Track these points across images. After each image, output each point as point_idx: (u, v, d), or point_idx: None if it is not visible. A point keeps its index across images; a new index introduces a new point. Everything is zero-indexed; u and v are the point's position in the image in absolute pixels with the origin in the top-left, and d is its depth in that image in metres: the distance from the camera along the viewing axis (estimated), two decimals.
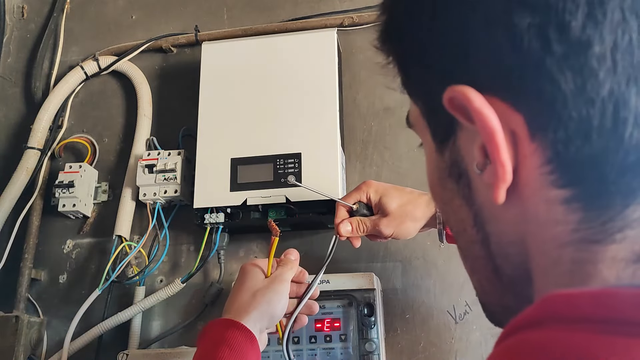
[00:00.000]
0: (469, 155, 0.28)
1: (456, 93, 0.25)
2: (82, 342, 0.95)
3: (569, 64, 0.23)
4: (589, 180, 0.24)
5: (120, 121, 1.14)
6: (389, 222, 0.73)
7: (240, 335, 0.58)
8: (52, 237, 1.07)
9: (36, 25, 1.25)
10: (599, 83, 0.23)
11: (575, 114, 0.23)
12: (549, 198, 0.25)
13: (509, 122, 0.25)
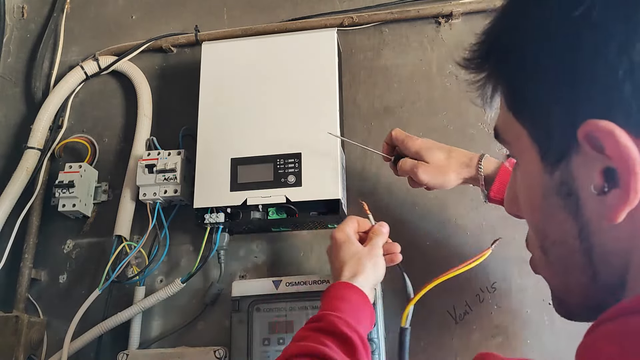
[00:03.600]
0: (583, 178, 0.31)
1: (599, 127, 0.28)
2: (82, 342, 0.95)
3: None
4: None
5: (120, 121, 1.14)
6: (427, 169, 0.78)
7: (355, 294, 0.68)
8: (52, 237, 1.07)
9: (36, 25, 1.26)
10: None
11: None
12: None
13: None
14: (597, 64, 0.28)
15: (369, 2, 1.11)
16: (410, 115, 1.03)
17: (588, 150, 0.29)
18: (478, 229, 0.95)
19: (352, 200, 0.99)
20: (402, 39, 1.09)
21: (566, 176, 0.32)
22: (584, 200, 0.31)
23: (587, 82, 0.29)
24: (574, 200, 0.32)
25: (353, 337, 0.61)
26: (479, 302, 0.90)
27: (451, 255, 0.92)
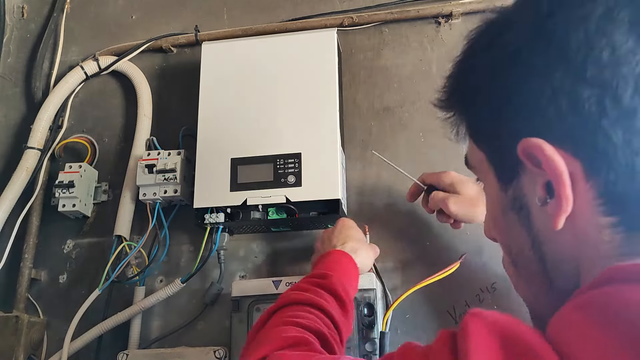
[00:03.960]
0: (530, 192, 0.35)
1: (530, 144, 0.33)
2: (82, 342, 0.95)
3: (620, 124, 0.30)
4: (631, 210, 0.31)
5: (120, 121, 1.14)
6: (457, 200, 0.79)
7: (354, 267, 0.75)
8: (52, 237, 1.07)
9: (36, 25, 1.25)
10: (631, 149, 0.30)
11: (624, 161, 0.31)
12: (598, 224, 0.32)
13: (569, 167, 0.32)
14: (527, 93, 0.33)
15: (369, 2, 1.11)
16: (410, 115, 1.03)
17: (530, 167, 0.34)
18: (479, 230, 0.94)
19: (352, 200, 0.99)
20: (402, 39, 1.09)
21: (518, 192, 0.36)
22: (533, 213, 0.36)
23: (522, 109, 0.34)
24: (526, 214, 0.36)
25: (348, 302, 0.67)
26: (479, 302, 0.90)
27: (451, 256, 0.92)
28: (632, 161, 0.30)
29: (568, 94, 0.31)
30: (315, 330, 0.57)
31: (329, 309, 0.62)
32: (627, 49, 0.30)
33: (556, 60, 0.32)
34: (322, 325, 0.59)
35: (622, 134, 0.30)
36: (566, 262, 0.35)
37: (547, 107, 0.32)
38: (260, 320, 0.62)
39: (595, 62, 0.31)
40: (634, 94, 0.30)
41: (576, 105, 0.31)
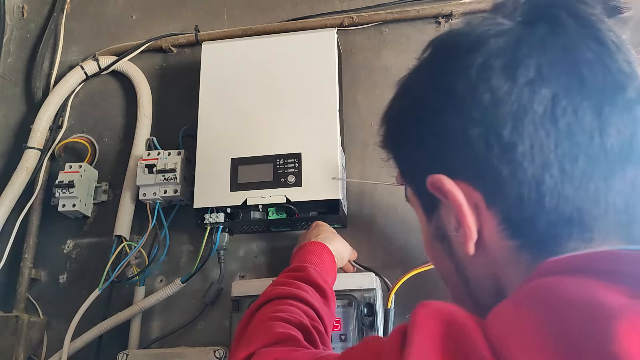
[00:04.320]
0: (447, 222, 0.39)
1: (434, 179, 0.37)
2: (82, 342, 0.95)
3: (504, 158, 0.34)
4: (530, 233, 0.34)
5: (120, 121, 1.14)
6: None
7: (328, 255, 0.78)
8: (52, 237, 1.07)
9: (36, 25, 1.25)
10: (524, 170, 0.33)
11: (512, 191, 0.34)
12: (505, 246, 0.35)
13: (472, 198, 0.35)
14: (431, 135, 0.38)
15: (369, 2, 1.11)
16: None
17: (443, 200, 0.38)
18: None
19: (351, 200, 0.99)
20: (402, 39, 1.09)
21: (439, 223, 0.40)
22: (453, 241, 0.39)
23: (428, 148, 0.39)
24: (447, 243, 0.39)
25: (327, 288, 0.70)
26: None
27: None
28: (519, 191, 0.33)
29: (461, 134, 0.35)
30: (298, 323, 0.59)
31: (310, 300, 0.65)
32: (504, 91, 0.34)
33: (448, 104, 0.36)
34: (304, 317, 0.61)
35: (507, 166, 0.34)
36: (487, 280, 0.38)
37: (447, 146, 0.37)
38: (246, 316, 0.64)
39: (479, 104, 0.35)
40: (513, 130, 0.33)
41: (468, 143, 0.35)
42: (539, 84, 0.33)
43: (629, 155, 0.33)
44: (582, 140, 0.33)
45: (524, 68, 0.34)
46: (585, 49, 0.34)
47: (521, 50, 0.34)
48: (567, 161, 0.33)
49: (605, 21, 0.36)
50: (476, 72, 0.35)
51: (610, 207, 0.33)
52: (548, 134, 0.33)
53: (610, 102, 0.33)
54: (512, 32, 0.35)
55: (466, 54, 0.36)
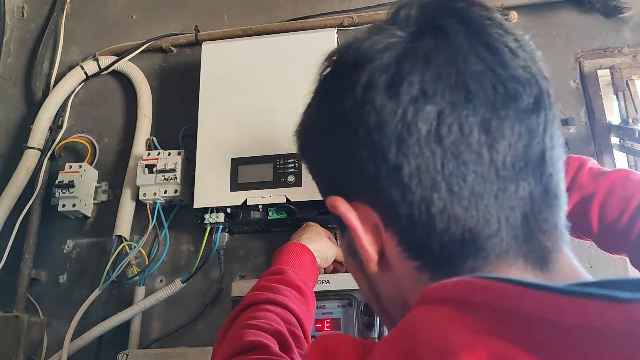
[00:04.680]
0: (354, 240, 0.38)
1: (331, 201, 0.36)
2: (82, 342, 0.95)
3: (392, 180, 0.32)
4: (426, 254, 0.33)
5: (120, 121, 1.14)
6: None
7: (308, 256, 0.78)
8: (52, 237, 1.07)
9: (36, 25, 1.25)
10: (412, 192, 0.32)
11: (404, 213, 0.33)
12: (407, 266, 0.34)
13: (371, 218, 0.34)
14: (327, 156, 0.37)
15: (369, 2, 1.11)
16: None
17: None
18: None
19: None
20: None
21: (349, 240, 0.39)
22: (363, 259, 0.38)
23: (326, 169, 0.39)
24: (359, 259, 0.38)
25: (306, 289, 0.70)
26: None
27: None
28: (410, 213, 0.33)
29: (353, 155, 0.34)
30: (273, 331, 0.59)
31: (288, 304, 0.65)
32: (388, 111, 0.32)
33: (339, 127, 0.35)
34: (280, 323, 0.62)
35: (396, 189, 0.32)
36: (396, 297, 0.37)
37: (343, 168, 0.36)
38: (227, 323, 0.65)
39: (365, 125, 0.33)
40: (398, 152, 0.32)
41: (360, 165, 0.34)
42: (423, 101, 0.31)
43: (523, 169, 0.32)
44: (469, 158, 0.31)
45: (407, 85, 0.32)
46: (473, 59, 0.32)
47: (404, 65, 0.32)
48: (455, 181, 0.31)
49: (504, 24, 0.34)
50: (361, 90, 0.33)
51: (503, 224, 0.32)
52: (434, 154, 0.31)
53: (500, 115, 0.31)
54: (398, 46, 0.33)
55: (353, 71, 0.34)
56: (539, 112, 0.32)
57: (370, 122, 0.33)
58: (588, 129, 1.00)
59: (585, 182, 0.64)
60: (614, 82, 1.01)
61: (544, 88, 0.33)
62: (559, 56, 1.05)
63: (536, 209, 0.32)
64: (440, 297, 0.30)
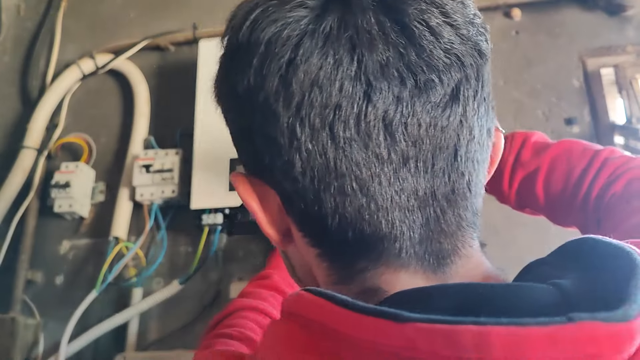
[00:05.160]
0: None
1: (232, 177, 0.35)
2: (79, 345, 0.94)
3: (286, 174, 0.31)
4: (324, 245, 0.33)
5: (118, 120, 1.13)
6: None
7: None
8: (49, 238, 1.06)
9: (32, 23, 1.24)
10: (305, 188, 0.30)
11: (298, 206, 0.32)
12: (310, 251, 0.34)
13: (275, 199, 0.33)
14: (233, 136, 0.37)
15: None
16: None
17: None
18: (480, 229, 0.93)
19: None
20: None
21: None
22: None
23: (235, 146, 0.38)
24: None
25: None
26: None
27: None
28: (303, 208, 0.31)
29: (250, 141, 0.33)
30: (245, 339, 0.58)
31: (268, 310, 0.65)
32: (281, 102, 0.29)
33: (237, 110, 0.35)
34: (256, 330, 0.61)
35: (289, 183, 0.31)
36: (307, 272, 0.37)
37: (245, 148, 0.35)
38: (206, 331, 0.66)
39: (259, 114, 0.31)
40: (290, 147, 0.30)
41: (257, 153, 0.33)
42: (318, 93, 0.28)
43: (429, 169, 0.30)
44: (365, 158, 0.29)
45: (302, 74, 0.28)
46: (380, 45, 0.28)
47: (300, 50, 0.29)
48: (348, 182, 0.29)
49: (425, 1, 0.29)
50: (254, 77, 0.30)
51: (398, 227, 0.30)
52: (326, 152, 0.29)
53: (405, 111, 0.28)
54: (297, 25, 0.29)
55: (246, 54, 0.31)
56: (457, 103, 0.29)
57: (264, 112, 0.30)
58: (592, 129, 0.99)
59: (528, 159, 0.63)
60: (618, 80, 1.00)
61: (471, 71, 0.30)
62: (562, 55, 1.04)
63: (439, 210, 0.31)
64: (286, 310, 0.30)
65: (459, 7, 0.30)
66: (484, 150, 0.32)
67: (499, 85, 1.03)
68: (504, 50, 1.05)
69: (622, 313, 0.24)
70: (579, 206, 0.57)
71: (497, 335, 0.23)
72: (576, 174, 0.58)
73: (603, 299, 0.25)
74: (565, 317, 0.24)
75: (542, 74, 1.03)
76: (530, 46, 1.05)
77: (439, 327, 0.24)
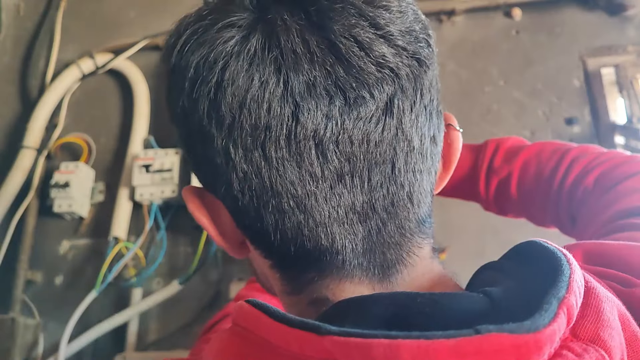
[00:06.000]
0: None
1: (183, 192, 0.35)
2: (79, 345, 0.94)
3: (227, 192, 0.31)
4: (273, 257, 0.34)
5: (118, 120, 1.12)
6: None
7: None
8: (48, 238, 1.05)
9: (32, 23, 1.24)
10: (245, 206, 0.31)
11: (242, 221, 0.33)
12: (264, 263, 0.35)
13: (225, 212, 0.33)
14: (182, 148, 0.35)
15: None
16: None
17: None
18: (480, 229, 0.93)
19: None
20: None
21: None
22: None
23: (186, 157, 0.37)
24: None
25: None
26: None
27: (452, 255, 0.91)
28: (247, 223, 0.32)
29: (193, 156, 0.33)
30: None
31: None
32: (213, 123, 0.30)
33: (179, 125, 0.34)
34: None
35: (231, 200, 0.31)
36: (265, 278, 0.38)
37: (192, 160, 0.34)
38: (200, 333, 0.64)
39: (195, 133, 0.32)
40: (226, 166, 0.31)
41: (200, 169, 0.33)
42: (247, 114, 0.28)
43: (365, 182, 0.30)
44: (298, 175, 0.29)
45: (230, 96, 0.29)
46: (305, 65, 0.28)
47: (227, 71, 0.29)
48: (284, 200, 0.30)
49: (363, 4, 0.29)
50: (187, 98, 0.31)
51: (339, 240, 0.31)
52: (260, 170, 0.29)
53: (335, 128, 0.28)
54: (226, 46, 0.29)
55: (180, 75, 0.31)
56: (390, 116, 0.29)
57: (200, 133, 0.31)
58: (592, 128, 0.98)
59: (500, 166, 0.63)
60: (619, 80, 1.00)
61: (407, 82, 0.29)
62: (562, 54, 1.03)
63: (380, 222, 0.31)
64: (233, 320, 0.30)
65: (395, 17, 0.30)
66: (427, 159, 0.32)
67: (499, 85, 1.03)
68: (504, 50, 1.05)
69: (530, 324, 0.24)
70: (553, 204, 0.58)
71: (406, 348, 0.24)
72: (546, 173, 0.59)
73: (523, 308, 0.25)
74: (473, 330, 0.24)
75: (542, 73, 1.03)
76: (531, 46, 1.05)
77: (354, 340, 0.25)
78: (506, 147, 0.65)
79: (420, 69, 0.30)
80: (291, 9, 0.29)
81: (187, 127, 0.32)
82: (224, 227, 0.34)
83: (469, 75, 1.04)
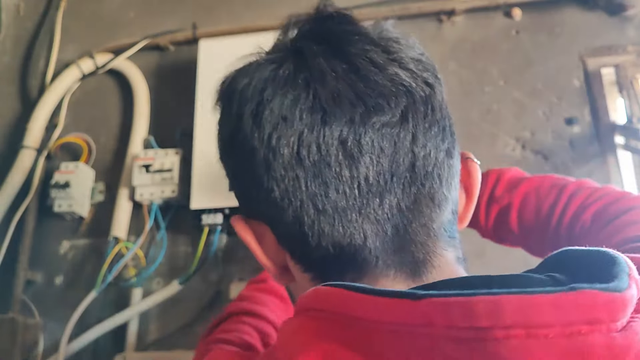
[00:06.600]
0: None
1: (232, 220, 0.39)
2: (79, 345, 0.94)
3: (269, 202, 0.35)
4: (313, 268, 0.36)
5: (117, 120, 1.12)
6: None
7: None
8: (48, 238, 1.05)
9: (32, 23, 1.24)
10: (286, 212, 0.34)
11: (283, 231, 0.36)
12: (304, 277, 0.37)
13: (270, 234, 0.37)
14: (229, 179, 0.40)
15: None
16: None
17: None
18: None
19: None
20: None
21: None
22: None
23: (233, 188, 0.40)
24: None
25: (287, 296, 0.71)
26: None
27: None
28: (289, 231, 0.35)
29: (239, 179, 0.38)
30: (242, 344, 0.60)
31: (265, 313, 0.66)
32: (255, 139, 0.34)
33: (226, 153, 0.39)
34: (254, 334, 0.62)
35: (274, 210, 0.35)
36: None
37: (237, 188, 0.39)
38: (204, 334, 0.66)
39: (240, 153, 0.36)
40: (268, 176, 0.34)
41: (245, 189, 0.37)
42: (283, 126, 0.33)
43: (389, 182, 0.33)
44: (329, 177, 0.33)
45: (268, 112, 0.34)
46: (330, 79, 0.33)
47: (266, 93, 0.34)
48: (319, 200, 0.33)
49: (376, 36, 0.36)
50: (234, 121, 0.36)
51: (370, 238, 0.33)
52: (297, 175, 0.33)
53: (359, 131, 0.33)
54: (263, 75, 0.35)
55: (227, 104, 0.37)
56: (406, 122, 0.33)
57: (244, 150, 0.35)
58: (592, 128, 0.98)
59: (501, 194, 0.66)
60: (619, 80, 0.99)
61: (419, 96, 0.34)
62: (562, 54, 1.03)
63: (406, 221, 0.34)
64: (302, 307, 0.32)
65: (404, 48, 0.35)
66: (445, 168, 0.35)
67: (499, 85, 1.03)
68: (504, 50, 1.05)
69: (616, 285, 0.26)
70: (551, 239, 0.60)
71: (508, 302, 0.25)
72: (545, 209, 0.61)
73: (596, 277, 0.27)
74: (568, 287, 0.26)
75: (542, 73, 1.03)
76: (531, 46, 1.05)
77: (454, 299, 0.26)
78: (507, 177, 0.67)
79: (429, 89, 0.35)
80: (316, 40, 0.36)
81: (233, 148, 0.36)
82: (268, 248, 0.38)
83: (469, 75, 1.04)
